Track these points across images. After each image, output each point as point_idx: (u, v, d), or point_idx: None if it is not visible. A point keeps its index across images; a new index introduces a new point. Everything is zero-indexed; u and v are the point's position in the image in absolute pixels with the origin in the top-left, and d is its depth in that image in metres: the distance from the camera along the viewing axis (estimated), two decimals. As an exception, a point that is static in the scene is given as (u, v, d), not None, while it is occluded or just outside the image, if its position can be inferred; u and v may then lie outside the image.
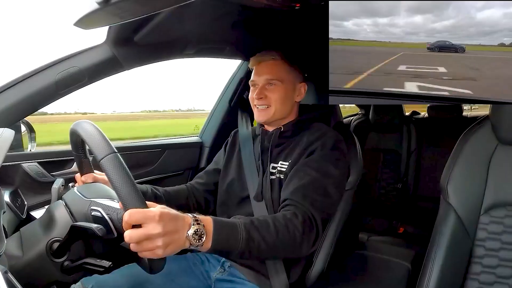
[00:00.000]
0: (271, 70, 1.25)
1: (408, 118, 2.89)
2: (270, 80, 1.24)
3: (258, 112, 1.27)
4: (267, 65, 1.26)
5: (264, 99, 1.24)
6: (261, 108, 1.26)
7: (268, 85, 1.25)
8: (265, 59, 1.26)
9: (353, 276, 1.38)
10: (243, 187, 1.28)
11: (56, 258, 0.86)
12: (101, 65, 1.30)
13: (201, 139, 2.01)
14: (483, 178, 1.07)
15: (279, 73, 1.25)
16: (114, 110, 30.80)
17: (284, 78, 1.25)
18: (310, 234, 1.02)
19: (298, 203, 1.05)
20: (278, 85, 1.24)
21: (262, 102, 1.25)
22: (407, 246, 2.03)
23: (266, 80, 1.25)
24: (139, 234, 0.72)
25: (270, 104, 1.25)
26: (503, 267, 1.04)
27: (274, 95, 1.24)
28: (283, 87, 1.25)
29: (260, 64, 1.27)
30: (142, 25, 1.24)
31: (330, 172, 1.14)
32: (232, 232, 0.88)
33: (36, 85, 1.20)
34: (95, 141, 0.77)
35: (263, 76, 1.25)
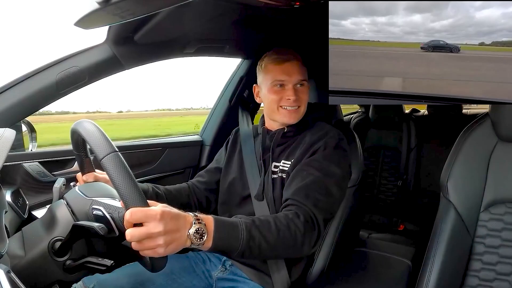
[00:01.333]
0: (300, 70, 1.23)
1: (408, 115, 2.90)
2: (301, 80, 1.23)
3: (288, 113, 1.23)
4: (295, 64, 1.23)
5: (297, 100, 1.22)
6: (293, 109, 1.23)
7: (299, 86, 1.23)
8: (291, 59, 1.23)
9: (353, 273, 1.38)
10: (244, 186, 1.28)
11: (58, 257, 0.87)
12: (101, 64, 1.30)
13: (202, 138, 2.01)
14: (483, 175, 1.07)
15: (305, 73, 1.24)
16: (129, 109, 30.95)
17: (307, 78, 1.25)
18: (311, 235, 1.02)
19: (300, 203, 1.05)
20: (306, 85, 1.24)
21: (296, 104, 1.22)
22: (408, 243, 2.03)
23: (298, 80, 1.22)
24: (141, 233, 0.73)
25: (301, 105, 1.23)
26: (503, 264, 1.04)
27: (304, 96, 1.24)
28: (308, 87, 1.25)
29: (286, 64, 1.22)
30: (142, 25, 1.24)
31: (333, 171, 1.13)
32: (233, 231, 0.89)
33: (36, 85, 1.21)
34: (96, 140, 0.78)
35: (294, 77, 1.22)
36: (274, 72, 1.23)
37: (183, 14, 1.21)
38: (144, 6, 0.87)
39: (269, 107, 1.26)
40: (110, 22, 1.06)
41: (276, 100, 1.23)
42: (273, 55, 1.25)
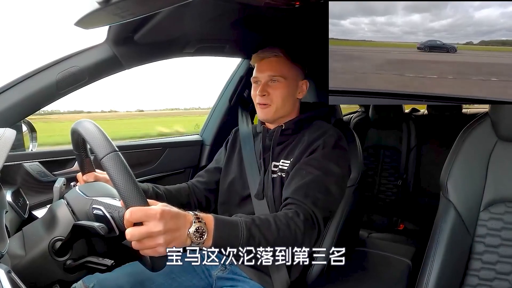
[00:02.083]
0: (274, 67, 1.23)
1: (408, 115, 2.90)
2: (272, 76, 1.23)
3: (260, 109, 1.26)
4: (270, 61, 1.24)
5: (267, 96, 1.23)
6: (264, 105, 1.25)
7: (271, 82, 1.23)
8: (268, 56, 1.25)
9: (353, 273, 1.38)
10: (244, 186, 1.28)
11: (58, 257, 0.87)
12: (101, 64, 1.30)
13: (202, 138, 2.01)
14: (482, 175, 1.07)
15: (281, 70, 1.23)
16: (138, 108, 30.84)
17: (286, 75, 1.24)
18: (311, 233, 1.02)
19: (300, 201, 1.05)
20: (281, 81, 1.23)
21: (265, 100, 1.23)
22: (407, 243, 2.03)
23: (268, 77, 1.23)
24: (141, 232, 0.73)
25: (273, 102, 1.24)
26: (503, 263, 1.04)
27: (277, 92, 1.23)
28: (285, 84, 1.24)
29: (263, 61, 1.25)
30: (142, 24, 1.24)
31: (332, 170, 1.13)
32: (233, 230, 0.89)
33: (36, 85, 1.21)
34: (96, 140, 0.78)
35: (265, 73, 1.24)
36: (255, 70, 1.28)
37: (183, 14, 1.21)
38: (144, 6, 0.88)
39: None
40: (110, 22, 1.06)
41: (254, 96, 1.27)
42: (256, 54, 1.28)
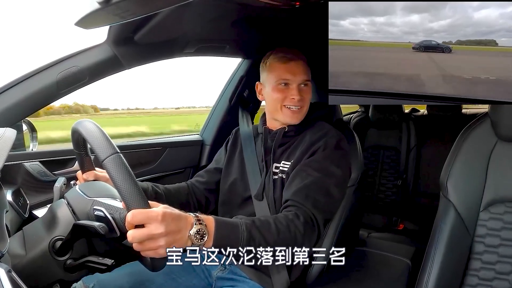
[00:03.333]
0: (305, 70, 1.23)
1: (408, 115, 2.90)
2: (306, 80, 1.23)
3: (291, 113, 1.23)
4: (300, 64, 1.23)
5: (301, 100, 1.22)
6: (296, 109, 1.22)
7: (303, 85, 1.23)
8: (296, 58, 1.23)
9: (353, 272, 1.38)
10: (245, 187, 1.28)
11: (59, 257, 0.87)
12: (101, 64, 1.30)
13: (202, 138, 2.01)
14: (482, 175, 1.08)
15: (309, 74, 1.25)
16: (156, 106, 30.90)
17: (310, 78, 1.25)
18: (311, 235, 1.03)
19: (300, 204, 1.06)
20: (309, 85, 1.24)
21: (300, 103, 1.22)
22: (407, 243, 2.03)
23: (303, 80, 1.22)
24: (142, 234, 0.73)
25: (304, 105, 1.23)
26: (503, 263, 1.05)
27: (308, 96, 1.24)
28: (310, 88, 1.25)
29: (292, 63, 1.22)
30: (143, 24, 1.24)
31: (333, 172, 1.13)
32: (234, 232, 0.89)
33: (37, 85, 1.21)
34: (97, 141, 0.78)
35: (299, 76, 1.22)
36: (279, 71, 1.22)
37: (183, 14, 1.21)
38: (144, 6, 0.88)
39: (272, 106, 1.26)
40: (111, 22, 1.06)
41: (280, 99, 1.23)
42: (279, 54, 1.24)
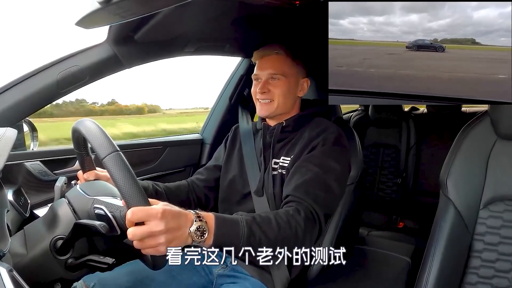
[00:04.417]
0: (275, 64, 1.24)
1: (407, 113, 2.90)
2: (273, 74, 1.24)
3: (260, 106, 1.27)
4: (271, 59, 1.25)
5: (267, 93, 1.24)
6: (264, 102, 1.25)
7: (272, 80, 1.24)
8: (269, 53, 1.26)
9: (353, 270, 1.38)
10: (245, 183, 1.28)
11: (60, 256, 0.87)
12: (102, 63, 1.31)
13: (202, 136, 2.02)
14: (482, 173, 1.08)
15: (282, 68, 1.24)
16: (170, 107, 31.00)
17: (287, 72, 1.25)
18: (312, 231, 1.03)
19: (301, 199, 1.06)
20: (281, 79, 1.24)
21: (265, 96, 1.24)
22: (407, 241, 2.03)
23: (269, 74, 1.24)
24: (142, 232, 0.73)
25: (273, 99, 1.25)
26: (502, 261, 1.05)
27: (277, 89, 1.24)
28: (286, 82, 1.25)
29: (264, 58, 1.26)
30: (143, 24, 1.24)
31: (332, 167, 1.14)
32: (234, 228, 0.89)
33: (37, 85, 1.21)
34: (97, 140, 0.78)
35: (266, 70, 1.25)
36: (256, 67, 1.29)
37: (183, 14, 1.21)
38: (144, 6, 0.88)
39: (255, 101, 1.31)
40: (111, 21, 1.06)
41: (254, 93, 1.29)
42: (258, 52, 1.29)
